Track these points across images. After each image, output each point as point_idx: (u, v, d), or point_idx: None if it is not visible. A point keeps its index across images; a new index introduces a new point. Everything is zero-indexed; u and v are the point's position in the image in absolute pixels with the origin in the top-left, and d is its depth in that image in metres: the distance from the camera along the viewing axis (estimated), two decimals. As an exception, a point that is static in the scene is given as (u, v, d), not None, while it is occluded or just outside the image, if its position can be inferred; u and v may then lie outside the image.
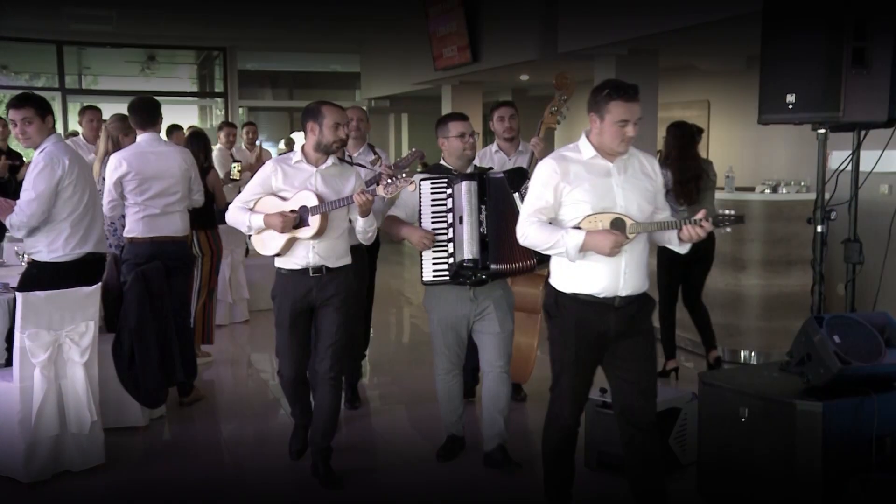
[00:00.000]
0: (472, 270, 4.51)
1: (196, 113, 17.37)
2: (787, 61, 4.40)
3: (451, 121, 4.78)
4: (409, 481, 4.83)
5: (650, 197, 3.85)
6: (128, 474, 4.85)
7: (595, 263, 3.76)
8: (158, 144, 5.84)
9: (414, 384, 6.58)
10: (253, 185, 4.64)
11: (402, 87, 13.44)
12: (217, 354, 7.38)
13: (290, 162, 4.61)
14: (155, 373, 5.31)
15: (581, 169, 3.79)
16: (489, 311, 4.70)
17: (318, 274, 4.56)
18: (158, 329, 5.36)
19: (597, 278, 3.78)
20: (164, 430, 5.64)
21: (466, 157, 4.72)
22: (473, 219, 4.51)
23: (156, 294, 5.37)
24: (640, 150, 3.95)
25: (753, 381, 4.36)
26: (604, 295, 3.78)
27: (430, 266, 4.60)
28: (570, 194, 3.77)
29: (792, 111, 4.44)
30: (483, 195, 4.56)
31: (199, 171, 6.20)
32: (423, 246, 4.58)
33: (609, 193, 3.77)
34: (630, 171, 3.84)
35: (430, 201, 4.65)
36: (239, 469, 5.07)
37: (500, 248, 4.48)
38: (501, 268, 4.51)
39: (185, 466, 5.00)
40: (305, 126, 4.57)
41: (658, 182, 3.93)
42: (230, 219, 4.66)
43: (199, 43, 15.82)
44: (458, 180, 4.59)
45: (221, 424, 5.85)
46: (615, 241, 3.64)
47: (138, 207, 5.66)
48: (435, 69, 11.44)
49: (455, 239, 4.53)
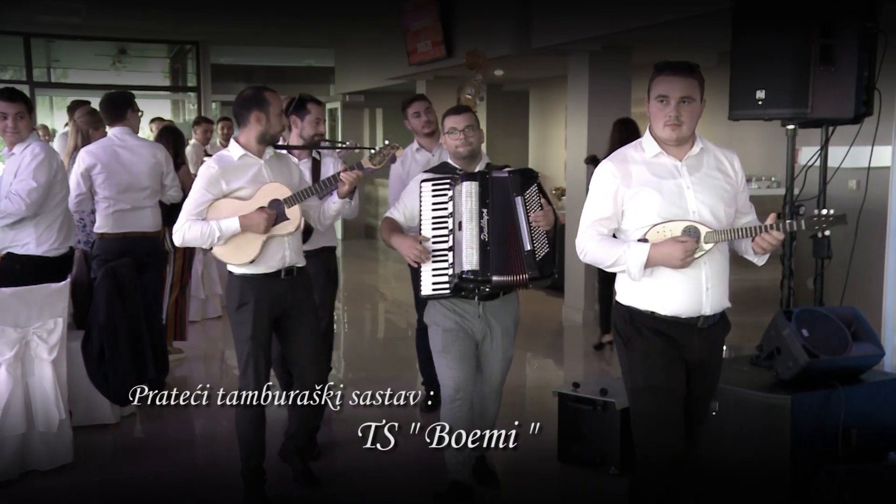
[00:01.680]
0: (472, 283, 3.97)
1: (169, 107, 17.22)
2: (757, 58, 4.44)
3: (446, 116, 4.26)
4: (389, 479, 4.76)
5: (729, 199, 3.33)
6: (97, 473, 4.82)
7: (671, 278, 3.25)
8: (129, 139, 5.80)
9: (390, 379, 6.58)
10: (198, 192, 4.07)
11: (377, 82, 13.41)
12: (190, 351, 7.35)
13: (232, 158, 4.14)
14: (125, 370, 5.27)
15: (644, 170, 3.29)
16: (496, 337, 4.21)
17: (290, 276, 4.21)
18: (129, 326, 5.33)
19: (676, 295, 3.28)
20: (135, 428, 5.62)
21: (460, 156, 4.18)
22: (474, 224, 3.98)
23: (126, 290, 5.35)
24: (716, 145, 3.45)
25: (724, 374, 4.35)
26: (686, 315, 3.29)
27: (430, 278, 4.04)
28: (633, 200, 3.29)
29: (762, 107, 4.48)
30: (485, 197, 4.02)
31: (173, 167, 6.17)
32: (413, 258, 4.02)
33: (679, 198, 3.26)
34: (704, 170, 3.32)
35: (431, 205, 4.10)
36: (212, 466, 5.04)
37: (503, 257, 3.97)
38: (505, 280, 3.97)
39: (156, 464, 4.98)
40: (248, 116, 4.09)
41: (739, 181, 3.39)
42: (188, 237, 4.06)
43: (171, 37, 15.68)
44: (459, 181, 4.05)
45: (194, 421, 5.82)
46: (686, 250, 3.14)
47: (108, 202, 5.63)
48: (409, 64, 11.43)
49: (455, 247, 4.00)
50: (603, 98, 8.86)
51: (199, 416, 5.89)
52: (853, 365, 4.21)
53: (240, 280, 4.16)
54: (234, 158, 4.13)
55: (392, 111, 16.45)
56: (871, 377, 4.33)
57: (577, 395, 4.73)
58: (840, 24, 4.28)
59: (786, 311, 4.29)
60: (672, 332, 3.30)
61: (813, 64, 4.22)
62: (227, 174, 4.08)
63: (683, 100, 3.20)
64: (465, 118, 4.21)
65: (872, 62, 4.48)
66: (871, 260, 4.92)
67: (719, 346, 3.47)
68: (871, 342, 4.27)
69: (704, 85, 3.30)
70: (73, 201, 5.57)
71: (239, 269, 4.15)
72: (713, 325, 3.35)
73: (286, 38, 15.34)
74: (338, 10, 12.72)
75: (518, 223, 3.98)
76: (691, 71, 3.24)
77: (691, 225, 3.21)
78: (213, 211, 4.06)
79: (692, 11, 6.59)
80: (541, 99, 14.62)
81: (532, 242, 3.97)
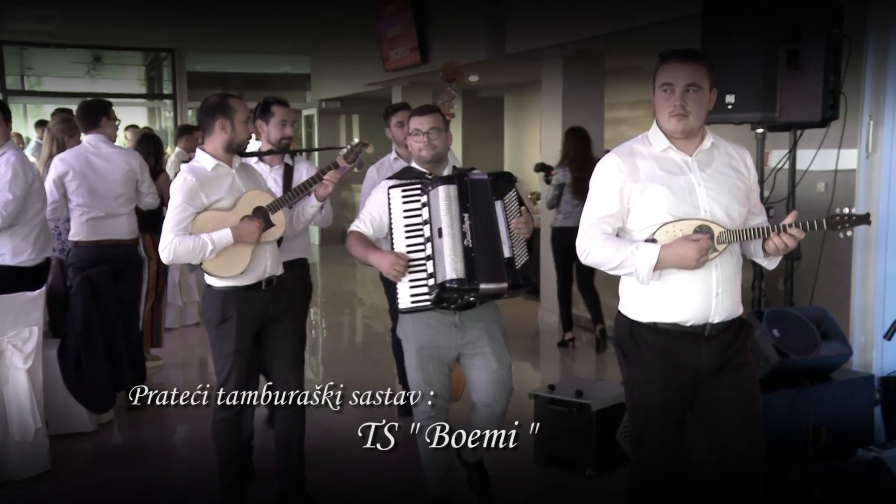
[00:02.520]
0: (457, 292, 3.70)
1: (145, 115, 17.16)
2: (726, 63, 4.46)
3: (411, 116, 4.03)
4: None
5: (742, 197, 3.09)
6: (74, 481, 4.79)
7: (680, 282, 3.01)
8: (103, 146, 5.78)
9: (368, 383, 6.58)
10: (179, 206, 3.84)
11: (353, 89, 13.42)
12: (167, 358, 7.31)
13: (205, 170, 3.95)
14: (102, 377, 5.26)
15: (652, 165, 3.04)
16: (482, 342, 3.93)
17: (270, 286, 4.06)
18: (105, 334, 5.31)
19: (683, 302, 3.03)
20: (113, 436, 5.59)
21: (423, 160, 3.93)
22: (455, 230, 3.72)
23: (102, 298, 5.33)
24: (727, 141, 3.19)
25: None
26: (692, 323, 3.03)
27: (407, 290, 3.75)
28: (640, 197, 3.03)
29: (731, 111, 4.53)
30: (465, 201, 3.77)
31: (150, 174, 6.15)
32: (395, 276, 3.76)
33: (690, 195, 3.01)
34: (715, 165, 3.07)
35: (402, 212, 3.81)
36: (190, 473, 5.03)
37: (489, 263, 3.72)
38: (493, 287, 3.72)
39: (134, 471, 4.96)
40: (213, 124, 3.92)
41: (752, 178, 3.16)
42: (178, 253, 3.81)
43: (146, 44, 15.60)
44: (433, 185, 3.78)
45: (171, 428, 5.80)
46: (700, 248, 2.89)
47: (81, 210, 5.62)
48: (385, 70, 11.46)
49: (435, 255, 3.71)
50: (577, 102, 8.92)
51: (176, 423, 5.87)
52: (822, 364, 4.27)
53: (221, 294, 3.98)
54: (207, 169, 3.95)
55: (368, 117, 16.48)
56: (840, 375, 4.40)
57: (552, 398, 4.76)
58: (806, 30, 4.34)
59: (757, 311, 4.34)
60: (675, 346, 3.05)
61: (780, 69, 4.28)
62: (205, 186, 3.90)
63: (689, 88, 2.95)
64: (430, 119, 3.93)
65: (838, 67, 4.55)
66: (840, 261, 4.99)
67: (736, 350, 3.11)
68: (840, 341, 4.33)
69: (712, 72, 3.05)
70: (48, 209, 5.54)
71: (219, 282, 3.97)
72: (723, 332, 3.07)
73: (262, 44, 15.32)
74: (313, 16, 12.71)
75: (498, 228, 3.79)
76: (697, 57, 3.00)
77: (704, 224, 2.96)
78: (197, 226, 3.86)
79: (663, 16, 6.66)
80: (515, 104, 14.67)
81: (512, 249, 3.78)
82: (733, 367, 3.10)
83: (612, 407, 4.69)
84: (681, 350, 3.05)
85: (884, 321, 4.17)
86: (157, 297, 7.01)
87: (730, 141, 3.18)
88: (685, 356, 3.05)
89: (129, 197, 5.82)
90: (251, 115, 4.17)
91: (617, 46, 8.61)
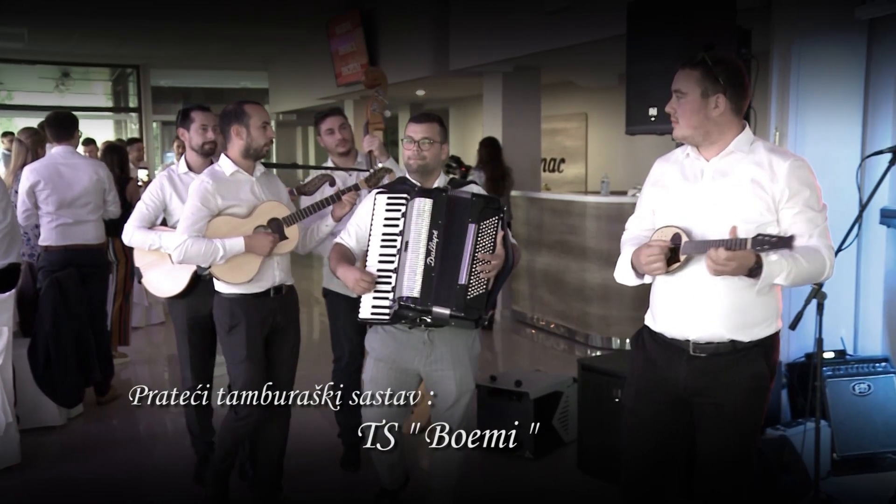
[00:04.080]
0: (412, 312, 3.31)
1: (112, 127, 16.89)
2: (649, 79, 4.52)
3: (409, 122, 3.59)
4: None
5: (752, 213, 2.62)
6: (44, 472, 4.70)
7: (659, 288, 2.82)
8: (71, 157, 5.69)
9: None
10: (194, 208, 3.64)
11: (308, 102, 13.37)
12: (134, 355, 7.20)
13: (223, 174, 3.72)
14: (71, 374, 5.17)
15: (674, 170, 2.82)
16: (445, 365, 3.51)
17: (279, 294, 3.82)
18: (74, 333, 5.22)
19: (661, 311, 2.81)
20: (82, 429, 5.48)
21: (410, 169, 3.52)
22: (421, 246, 3.34)
23: (71, 300, 5.24)
24: (775, 149, 2.75)
25: (625, 365, 4.44)
26: (671, 336, 2.75)
27: (370, 300, 3.38)
28: (659, 202, 2.85)
29: (654, 123, 4.57)
30: (437, 218, 3.36)
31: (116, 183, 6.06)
32: (360, 291, 3.37)
33: (688, 203, 2.72)
34: (733, 175, 2.67)
35: (382, 220, 3.45)
36: (158, 464, 4.94)
37: (446, 286, 3.30)
38: (445, 313, 3.28)
39: (102, 463, 4.87)
40: (229, 131, 3.71)
41: (778, 192, 2.63)
42: (189, 254, 3.60)
43: (112, 60, 15.42)
44: (413, 197, 3.41)
45: (139, 421, 5.71)
46: (648, 255, 2.65)
47: (51, 217, 5.52)
48: (337, 85, 11.46)
49: (399, 270, 3.35)
50: (515, 114, 8.99)
51: (144, 416, 5.78)
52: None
53: (229, 301, 3.75)
54: (226, 174, 3.72)
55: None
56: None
57: (494, 387, 4.78)
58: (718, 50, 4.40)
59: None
60: (661, 354, 2.79)
61: (697, 84, 4.33)
62: (221, 190, 3.68)
63: (675, 93, 2.73)
64: (425, 129, 3.50)
65: (748, 84, 4.63)
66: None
67: (724, 381, 2.68)
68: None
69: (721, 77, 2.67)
70: (21, 216, 5.47)
71: (227, 288, 3.75)
72: (713, 357, 2.67)
73: (222, 61, 15.22)
74: (270, 34, 12.64)
75: (462, 251, 3.32)
76: (693, 65, 2.69)
77: (678, 231, 2.68)
78: (210, 229, 3.65)
79: (592, 37, 6.75)
80: (460, 116, 14.71)
81: (469, 277, 3.31)
82: (710, 405, 2.72)
83: (548, 395, 4.73)
84: (665, 359, 2.77)
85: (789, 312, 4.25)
86: (124, 297, 6.92)
87: (778, 150, 2.74)
88: (667, 368, 2.77)
89: (97, 205, 5.73)
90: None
91: (552, 63, 8.69)
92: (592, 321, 7.17)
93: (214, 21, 11.55)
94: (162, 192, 4.13)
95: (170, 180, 4.15)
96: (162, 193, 4.13)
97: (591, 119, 11.87)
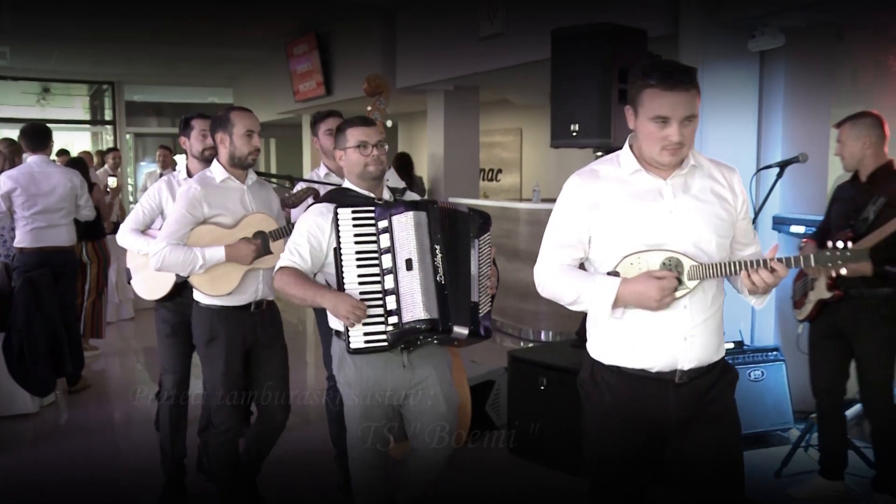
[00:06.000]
0: (424, 333, 2.72)
1: (89, 138, 16.53)
2: (571, 98, 4.49)
3: (351, 126, 2.95)
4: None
5: (723, 228, 2.28)
6: (17, 457, 4.57)
7: (643, 324, 2.24)
8: (46, 166, 5.55)
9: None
10: (179, 215, 3.26)
11: (269, 116, 13.20)
12: (106, 347, 7.05)
13: (213, 181, 3.33)
14: (43, 366, 5.04)
15: (618, 189, 2.27)
16: (431, 383, 2.89)
17: (260, 309, 3.40)
18: (47, 328, 5.09)
19: (647, 347, 2.25)
20: (54, 416, 5.35)
21: (369, 176, 2.90)
22: (427, 264, 2.72)
23: (44, 297, 5.11)
24: (713, 160, 2.37)
25: (550, 356, 4.48)
26: (658, 370, 2.25)
27: (360, 328, 2.70)
28: (603, 225, 2.27)
29: (575, 137, 4.54)
30: (435, 231, 2.77)
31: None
32: (354, 320, 2.66)
33: (659, 223, 2.23)
34: (693, 191, 2.28)
35: (352, 237, 2.75)
36: (128, 450, 4.81)
37: (460, 304, 2.76)
38: (464, 332, 2.74)
39: (74, 448, 4.74)
40: (215, 138, 3.34)
41: (739, 205, 2.33)
42: (168, 261, 3.21)
43: (90, 77, 15.12)
44: (396, 210, 2.76)
45: (108, 410, 5.57)
46: (662, 288, 2.15)
47: (26, 221, 5.38)
48: (295, 101, 11.36)
49: (400, 291, 2.69)
50: (456, 129, 8.99)
51: (114, 404, 5.66)
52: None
53: (208, 313, 3.34)
54: (216, 180, 3.34)
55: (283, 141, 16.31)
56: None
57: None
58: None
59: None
60: (640, 391, 2.28)
61: (613, 103, 4.32)
62: (210, 197, 3.29)
63: (686, 120, 2.18)
64: (378, 131, 2.97)
65: (660, 103, 4.65)
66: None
67: (713, 399, 2.30)
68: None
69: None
70: (-4, 220, 5.34)
71: (207, 300, 3.33)
72: (697, 379, 2.27)
73: (191, 78, 15.07)
74: (235, 55, 12.59)
75: (470, 267, 2.82)
76: (691, 81, 2.18)
77: (673, 256, 2.21)
78: (192, 237, 3.27)
79: (523, 60, 6.77)
80: (407, 130, 14.67)
81: (479, 294, 2.84)
82: (708, 419, 2.29)
83: (481, 383, 4.74)
84: (644, 397, 2.27)
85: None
86: (98, 294, 6.78)
87: (716, 161, 2.38)
88: (649, 405, 2.27)
89: (69, 210, 5.60)
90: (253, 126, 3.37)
91: (488, 83, 8.70)
92: (525, 316, 7.19)
93: (184, 42, 11.44)
94: (159, 196, 3.77)
95: (168, 185, 3.80)
96: (159, 197, 3.77)
97: (525, 133, 11.90)
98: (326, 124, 3.98)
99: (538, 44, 5.79)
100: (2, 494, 4.10)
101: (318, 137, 4.04)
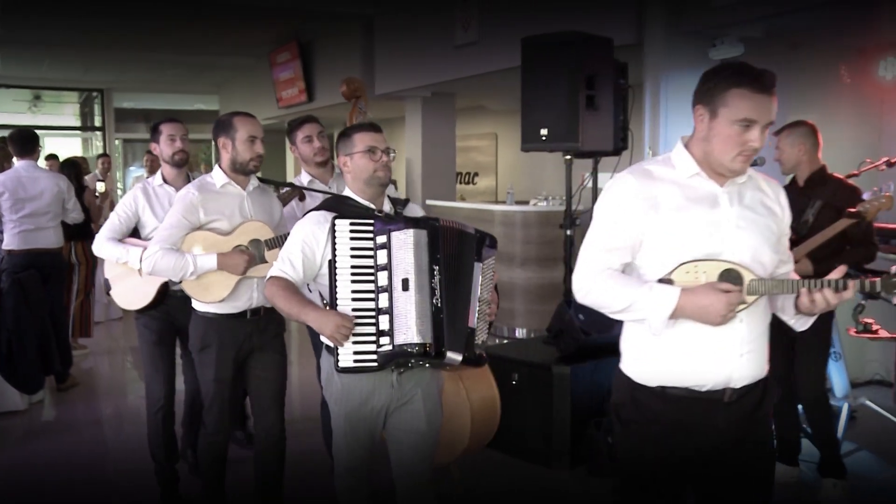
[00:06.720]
0: (416, 357, 2.47)
1: (79, 144, 16.38)
2: (541, 104, 4.49)
3: (357, 132, 2.68)
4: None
5: (773, 241, 2.08)
6: (6, 453, 4.50)
7: (696, 338, 2.00)
8: (34, 170, 5.48)
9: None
10: (174, 220, 3.09)
11: (254, 122, 13.20)
12: (94, 346, 6.96)
13: (213, 186, 3.15)
14: (32, 364, 4.98)
15: (675, 192, 2.03)
16: (415, 401, 2.64)
17: (257, 316, 3.19)
18: (36, 328, 5.03)
19: (699, 363, 2.02)
20: (43, 413, 5.27)
21: (377, 182, 2.64)
22: (424, 285, 2.48)
23: (33, 298, 5.05)
24: (761, 173, 2.18)
25: (523, 352, 4.49)
26: (708, 388, 2.02)
27: (349, 347, 2.47)
28: (657, 229, 2.01)
29: (545, 142, 4.54)
30: (435, 252, 2.52)
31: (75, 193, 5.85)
32: (339, 339, 2.43)
33: (717, 232, 2.01)
34: (747, 202, 2.07)
35: (349, 250, 2.49)
36: (117, 446, 4.74)
37: (456, 329, 2.52)
38: (457, 359, 2.50)
39: (62, 444, 4.67)
40: (217, 142, 3.15)
41: (785, 220, 2.14)
42: (159, 266, 3.04)
43: (80, 85, 15.00)
44: (396, 226, 2.51)
45: (96, 406, 5.50)
46: (730, 303, 1.92)
47: (14, 224, 5.31)
48: (279, 107, 11.32)
49: (394, 311, 2.46)
50: (433, 134, 8.98)
51: (102, 401, 5.59)
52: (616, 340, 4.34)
53: (203, 320, 3.17)
54: (216, 185, 3.15)
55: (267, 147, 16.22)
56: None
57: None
58: (600, 81, 4.41)
59: (567, 300, 4.39)
60: (686, 415, 2.04)
61: (581, 109, 4.33)
62: (207, 202, 3.11)
63: (766, 126, 1.99)
64: (384, 137, 2.72)
65: (625, 109, 4.67)
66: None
67: (758, 419, 2.10)
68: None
69: None
70: (-16, 222, 5.27)
71: (202, 306, 3.16)
72: (746, 396, 2.06)
73: (179, 85, 14.98)
74: (221, 62, 12.53)
75: (470, 291, 2.57)
76: (773, 85, 1.97)
77: (733, 268, 1.97)
78: (187, 243, 3.09)
79: (495, 67, 6.78)
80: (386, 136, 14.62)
81: (476, 320, 2.59)
82: (752, 444, 2.09)
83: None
84: (694, 421, 2.04)
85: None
86: (86, 295, 6.71)
87: (763, 174, 2.18)
88: (699, 428, 2.05)
89: (56, 213, 5.53)
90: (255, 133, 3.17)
91: (464, 89, 8.70)
92: (499, 314, 7.14)
93: (171, 50, 11.38)
94: (135, 203, 3.59)
95: (144, 192, 3.62)
96: (135, 205, 3.59)
97: (501, 138, 11.91)
98: (304, 131, 3.75)
99: (510, 52, 5.79)
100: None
101: (296, 146, 3.77)
